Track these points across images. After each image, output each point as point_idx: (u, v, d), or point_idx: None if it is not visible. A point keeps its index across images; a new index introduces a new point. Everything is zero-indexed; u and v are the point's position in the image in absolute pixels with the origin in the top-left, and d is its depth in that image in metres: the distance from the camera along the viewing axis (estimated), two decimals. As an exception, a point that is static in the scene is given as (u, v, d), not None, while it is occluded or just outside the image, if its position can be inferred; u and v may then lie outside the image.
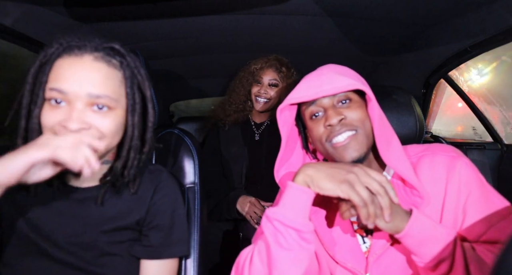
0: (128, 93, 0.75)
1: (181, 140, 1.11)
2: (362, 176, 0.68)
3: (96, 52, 0.72)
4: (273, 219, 0.72)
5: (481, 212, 0.74)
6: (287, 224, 0.71)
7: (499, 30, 1.23)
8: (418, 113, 1.06)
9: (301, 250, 0.72)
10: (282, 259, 0.71)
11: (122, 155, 0.78)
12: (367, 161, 0.82)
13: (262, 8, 1.34)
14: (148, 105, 0.79)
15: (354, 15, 1.38)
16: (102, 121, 0.71)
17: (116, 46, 0.75)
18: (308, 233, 0.72)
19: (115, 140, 0.75)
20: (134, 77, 0.76)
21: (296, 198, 0.73)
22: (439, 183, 0.78)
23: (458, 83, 1.85)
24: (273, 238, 0.72)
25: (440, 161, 0.80)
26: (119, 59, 0.75)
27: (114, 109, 0.72)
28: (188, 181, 1.07)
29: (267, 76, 1.67)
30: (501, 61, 2.19)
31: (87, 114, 0.69)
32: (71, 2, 1.15)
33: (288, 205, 0.73)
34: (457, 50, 1.49)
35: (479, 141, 1.92)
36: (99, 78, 0.70)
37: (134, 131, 0.77)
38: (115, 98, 0.72)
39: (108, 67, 0.72)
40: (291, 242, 0.71)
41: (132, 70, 0.76)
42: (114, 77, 0.73)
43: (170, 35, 1.58)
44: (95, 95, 0.69)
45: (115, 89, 0.73)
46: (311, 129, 0.84)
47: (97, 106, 0.70)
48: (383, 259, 0.78)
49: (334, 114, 0.79)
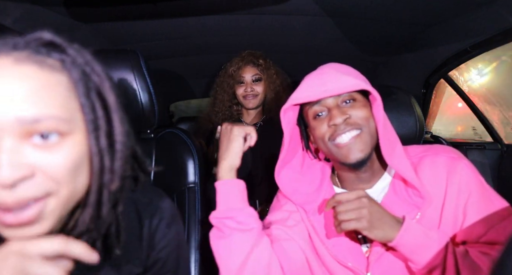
0: (83, 104, 0.48)
1: (181, 139, 1.11)
2: None
3: (16, 51, 0.45)
4: (212, 219, 0.83)
5: (481, 213, 0.74)
6: (221, 216, 0.81)
7: (499, 30, 1.23)
8: (418, 113, 1.06)
9: (239, 234, 0.79)
10: (221, 249, 0.79)
11: (89, 202, 0.50)
12: (370, 161, 0.82)
13: (262, 8, 1.33)
14: (113, 117, 0.51)
15: (354, 15, 1.38)
16: (52, 159, 0.44)
17: (47, 37, 0.48)
18: (242, 215, 0.80)
19: (79, 186, 0.49)
20: (87, 79, 0.50)
21: (225, 192, 0.83)
22: (440, 184, 0.78)
23: (458, 83, 1.85)
24: (213, 235, 0.82)
25: (441, 162, 0.80)
26: (57, 57, 0.48)
27: (68, 136, 0.46)
28: (188, 181, 1.07)
29: (248, 74, 1.63)
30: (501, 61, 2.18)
31: (24, 153, 0.43)
32: (71, 2, 1.15)
33: (221, 201, 0.83)
34: (457, 50, 1.49)
35: (479, 141, 1.92)
36: (30, 90, 0.43)
37: (104, 161, 0.50)
38: (66, 118, 0.45)
39: (41, 70, 0.46)
40: (226, 230, 0.79)
41: (81, 68, 0.50)
42: (56, 85, 0.46)
43: (170, 35, 1.58)
44: (31, 119, 0.42)
45: (62, 103, 0.46)
46: (314, 128, 0.83)
47: (39, 135, 0.43)
48: (384, 259, 0.78)
49: (339, 113, 0.78)
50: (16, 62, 0.44)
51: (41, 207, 0.44)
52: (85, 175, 0.49)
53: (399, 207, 0.79)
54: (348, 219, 0.71)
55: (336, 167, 0.91)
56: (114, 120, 0.51)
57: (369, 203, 0.73)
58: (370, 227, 0.71)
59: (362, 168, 0.82)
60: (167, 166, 1.08)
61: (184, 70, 2.15)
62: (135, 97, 0.98)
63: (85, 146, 0.48)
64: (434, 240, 0.71)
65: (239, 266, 0.77)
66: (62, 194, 0.46)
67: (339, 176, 0.91)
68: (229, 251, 0.78)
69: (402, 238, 0.70)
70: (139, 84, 0.98)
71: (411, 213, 0.78)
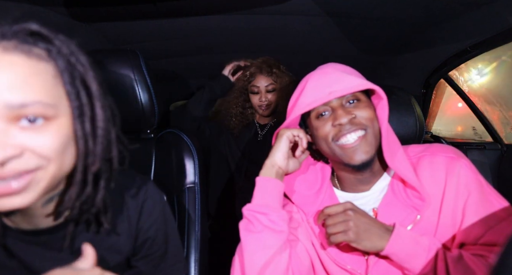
0: (69, 92, 0.52)
1: (181, 139, 1.11)
2: None
3: (4, 41, 0.48)
4: (244, 210, 0.81)
5: (480, 214, 0.74)
6: (255, 210, 0.80)
7: (499, 30, 1.23)
8: (418, 113, 1.06)
9: (270, 233, 0.77)
10: (249, 243, 0.77)
11: (75, 180, 0.55)
12: (372, 162, 0.82)
13: (262, 8, 1.33)
14: (96, 104, 0.55)
15: (354, 15, 1.38)
16: (39, 140, 0.48)
17: (34, 28, 0.51)
18: (275, 215, 0.78)
19: (66, 163, 0.53)
20: (73, 69, 0.53)
21: (263, 188, 0.82)
22: (438, 184, 0.78)
23: (458, 83, 1.85)
24: (245, 227, 0.80)
25: (440, 162, 0.80)
26: (43, 47, 0.51)
27: (54, 120, 0.50)
28: (188, 181, 1.07)
29: (263, 83, 1.64)
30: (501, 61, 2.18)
31: (12, 134, 0.46)
32: (71, 2, 1.15)
33: (257, 196, 0.82)
34: (457, 50, 1.49)
35: (479, 141, 1.92)
36: (18, 77, 0.47)
37: (88, 144, 0.54)
38: (51, 103, 0.49)
39: (29, 59, 0.49)
40: (258, 225, 0.78)
41: (67, 58, 0.53)
42: (42, 73, 0.50)
43: (170, 35, 1.58)
44: (18, 104, 0.46)
45: (48, 90, 0.50)
46: (317, 128, 0.82)
47: (26, 119, 0.47)
48: (383, 261, 0.78)
49: (344, 113, 0.78)
50: (4, 51, 0.47)
51: (30, 178, 0.48)
52: (71, 156, 0.54)
53: (398, 208, 0.79)
54: (335, 232, 0.73)
55: (336, 168, 0.90)
56: (97, 107, 0.55)
57: (355, 215, 0.74)
58: (357, 238, 0.72)
59: (365, 170, 0.82)
60: (167, 166, 1.08)
61: (184, 70, 2.15)
62: (135, 97, 0.98)
63: (70, 130, 0.52)
64: (424, 247, 0.72)
65: (263, 264, 0.76)
66: (50, 169, 0.50)
67: (338, 177, 0.90)
68: (257, 247, 0.77)
69: (392, 247, 0.71)
70: (139, 84, 0.98)
71: (411, 214, 0.78)
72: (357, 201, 0.82)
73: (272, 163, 0.84)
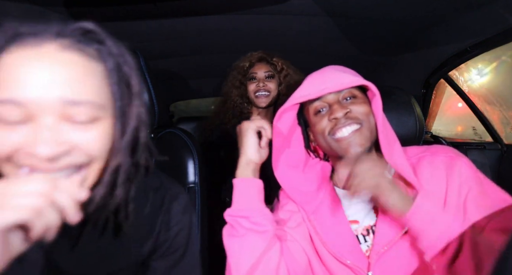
0: (114, 92, 0.53)
1: (181, 139, 1.11)
2: None
3: (61, 39, 0.49)
4: (226, 216, 0.81)
5: (480, 207, 0.74)
6: (236, 215, 0.79)
7: (499, 30, 1.23)
8: (418, 113, 1.06)
9: (253, 235, 0.78)
10: (233, 248, 0.77)
11: (104, 180, 0.54)
12: (369, 157, 0.82)
13: (262, 8, 1.33)
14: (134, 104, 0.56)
15: (354, 15, 1.38)
16: (87, 137, 0.49)
17: (89, 27, 0.52)
18: (258, 217, 0.78)
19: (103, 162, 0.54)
20: (119, 70, 0.54)
21: (243, 190, 0.82)
22: (440, 182, 0.78)
23: (458, 83, 1.85)
24: (227, 232, 0.80)
25: (440, 161, 0.81)
26: (96, 47, 0.53)
27: (100, 120, 0.51)
28: (188, 181, 1.07)
29: (261, 70, 1.61)
30: (501, 61, 2.19)
31: (64, 131, 0.48)
32: (71, 2, 1.15)
33: (238, 199, 0.81)
34: (457, 50, 1.49)
35: (479, 141, 1.92)
36: (73, 74, 0.48)
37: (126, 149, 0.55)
38: (100, 104, 0.50)
39: (83, 58, 0.50)
40: (240, 230, 0.78)
41: (116, 59, 0.54)
42: (94, 73, 0.51)
43: (170, 35, 1.58)
44: (72, 101, 0.47)
45: (98, 90, 0.51)
46: (315, 124, 0.85)
47: (76, 117, 0.48)
48: (386, 257, 0.78)
49: (340, 108, 0.80)
50: (62, 48, 0.49)
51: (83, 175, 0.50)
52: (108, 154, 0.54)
53: None
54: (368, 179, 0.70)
55: (334, 164, 0.91)
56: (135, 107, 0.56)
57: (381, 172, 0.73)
58: (389, 189, 0.70)
59: None
60: (167, 166, 1.08)
61: (184, 70, 2.15)
62: (135, 97, 0.98)
63: (112, 129, 0.53)
64: (448, 214, 0.69)
65: (250, 267, 0.77)
66: (95, 166, 0.52)
67: (338, 175, 0.91)
68: (241, 251, 0.77)
69: (418, 208, 0.68)
70: (139, 84, 0.98)
71: None
72: (357, 199, 0.83)
73: (246, 160, 0.84)
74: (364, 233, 0.83)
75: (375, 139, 0.83)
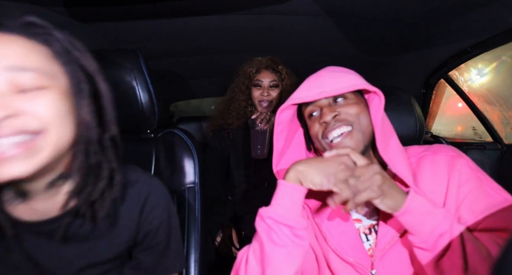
0: (66, 71, 0.58)
1: (181, 139, 1.11)
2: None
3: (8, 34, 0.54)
4: (265, 217, 0.73)
5: (479, 202, 0.75)
6: (279, 221, 0.72)
7: (499, 30, 1.23)
8: (418, 113, 1.06)
9: (295, 247, 0.73)
10: (275, 256, 0.72)
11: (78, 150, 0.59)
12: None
13: (262, 8, 1.34)
14: (100, 86, 0.60)
15: (354, 15, 1.38)
16: (36, 104, 0.52)
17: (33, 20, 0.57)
18: (301, 230, 0.73)
19: (65, 135, 0.56)
20: (68, 53, 0.59)
21: (287, 195, 0.74)
22: (441, 181, 0.79)
23: (458, 83, 1.85)
24: (267, 235, 0.73)
25: (441, 160, 0.81)
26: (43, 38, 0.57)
27: (47, 89, 0.53)
28: (188, 181, 1.07)
29: (266, 79, 1.66)
30: (501, 61, 2.19)
31: (13, 98, 0.51)
32: (71, 2, 1.15)
33: (280, 203, 0.74)
34: (457, 50, 1.49)
35: (479, 141, 1.92)
36: (20, 49, 0.53)
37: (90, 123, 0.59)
38: (48, 73, 0.54)
39: (29, 40, 0.55)
40: (284, 238, 0.72)
41: (63, 44, 0.58)
42: (40, 52, 0.55)
43: (169, 35, 1.58)
44: (18, 67, 0.51)
45: (44, 64, 0.55)
46: (309, 127, 0.87)
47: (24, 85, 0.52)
48: (389, 255, 0.78)
49: (329, 111, 0.81)
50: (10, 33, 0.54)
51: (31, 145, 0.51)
52: (70, 132, 0.56)
53: None
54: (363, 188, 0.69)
55: None
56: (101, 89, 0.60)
57: (381, 170, 0.72)
58: (381, 194, 0.69)
59: None
60: (167, 166, 1.08)
61: (184, 70, 2.15)
62: (135, 97, 0.98)
63: (68, 102, 0.56)
64: (439, 210, 0.70)
65: None
66: (50, 137, 0.53)
67: None
68: (285, 262, 0.72)
69: (410, 204, 0.69)
70: (139, 84, 0.98)
71: None
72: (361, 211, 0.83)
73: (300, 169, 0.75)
74: (366, 232, 0.83)
75: (369, 140, 0.83)
